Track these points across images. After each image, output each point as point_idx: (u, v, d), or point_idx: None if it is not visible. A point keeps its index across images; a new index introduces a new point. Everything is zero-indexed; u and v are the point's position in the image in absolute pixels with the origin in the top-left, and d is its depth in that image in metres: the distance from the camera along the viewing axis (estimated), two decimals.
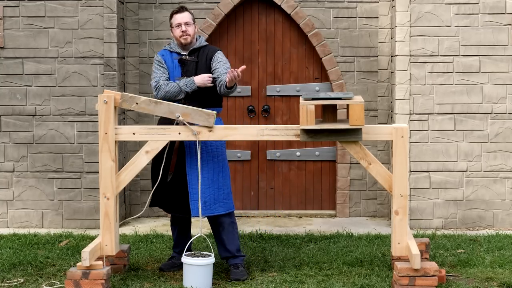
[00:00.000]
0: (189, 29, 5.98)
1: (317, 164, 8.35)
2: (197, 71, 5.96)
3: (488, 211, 7.65)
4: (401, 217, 5.59)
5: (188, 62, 6.00)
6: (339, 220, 8.09)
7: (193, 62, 6.00)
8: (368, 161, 5.62)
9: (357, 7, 8.08)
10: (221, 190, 5.93)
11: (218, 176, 5.92)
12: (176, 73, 6.00)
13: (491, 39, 7.57)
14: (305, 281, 5.76)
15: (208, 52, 6.05)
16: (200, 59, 6.01)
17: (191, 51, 6.04)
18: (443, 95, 7.61)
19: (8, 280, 5.80)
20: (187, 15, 6.02)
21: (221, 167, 5.95)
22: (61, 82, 7.67)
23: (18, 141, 7.70)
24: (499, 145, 7.63)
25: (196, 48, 6.06)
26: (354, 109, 5.42)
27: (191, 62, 6.00)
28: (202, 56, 6.02)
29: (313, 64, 8.26)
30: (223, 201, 5.92)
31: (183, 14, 6.01)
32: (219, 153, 5.95)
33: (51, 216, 7.73)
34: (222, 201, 5.92)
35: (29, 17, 7.64)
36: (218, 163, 5.93)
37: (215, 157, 5.92)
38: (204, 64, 6.00)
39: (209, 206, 5.87)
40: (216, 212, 5.89)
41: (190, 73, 5.96)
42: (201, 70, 5.97)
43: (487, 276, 5.83)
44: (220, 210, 5.91)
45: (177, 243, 6.18)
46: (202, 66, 5.99)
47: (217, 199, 5.89)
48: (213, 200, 5.87)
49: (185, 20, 5.99)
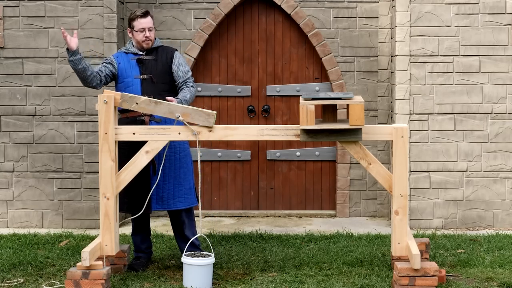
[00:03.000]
0: (151, 34, 6.11)
1: (317, 164, 8.35)
2: (158, 69, 6.08)
3: (488, 211, 7.65)
4: (401, 217, 5.59)
5: (147, 61, 6.10)
6: (339, 220, 8.09)
7: (152, 60, 6.10)
8: (368, 161, 5.62)
9: (357, 7, 8.08)
10: (181, 186, 6.05)
11: (178, 172, 6.05)
12: (135, 72, 6.09)
13: (491, 39, 7.57)
14: (305, 281, 5.76)
15: (167, 50, 6.17)
16: (160, 58, 6.12)
17: (148, 51, 6.14)
18: (443, 95, 7.61)
19: (8, 280, 5.80)
20: (150, 20, 6.12)
21: (182, 162, 6.07)
22: (61, 82, 7.67)
23: (18, 141, 7.70)
24: (499, 145, 7.63)
25: (153, 48, 6.17)
26: (354, 109, 5.42)
27: (149, 61, 6.10)
28: (162, 55, 6.14)
29: (313, 64, 8.26)
30: (182, 196, 6.05)
31: (148, 19, 6.10)
32: (182, 148, 6.08)
33: (51, 216, 7.73)
34: (181, 197, 6.04)
35: (29, 17, 7.64)
36: (180, 159, 6.06)
37: (177, 153, 6.05)
38: (165, 63, 6.12)
39: (167, 202, 6.02)
40: (173, 207, 6.03)
41: (150, 71, 6.06)
42: (161, 68, 6.09)
43: (487, 276, 5.83)
44: (179, 205, 6.04)
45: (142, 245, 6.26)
46: (163, 64, 6.11)
47: (175, 195, 6.02)
48: (171, 196, 6.01)
49: (149, 25, 6.09)
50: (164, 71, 6.10)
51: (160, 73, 6.09)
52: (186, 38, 8.10)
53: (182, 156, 6.08)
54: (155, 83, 6.05)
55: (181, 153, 6.08)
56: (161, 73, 6.09)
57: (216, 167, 8.35)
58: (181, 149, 6.09)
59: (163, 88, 6.06)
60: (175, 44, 8.06)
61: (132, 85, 6.07)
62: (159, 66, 6.11)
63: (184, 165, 6.09)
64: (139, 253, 6.26)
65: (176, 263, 6.26)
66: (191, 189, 6.13)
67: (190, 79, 6.14)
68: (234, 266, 6.19)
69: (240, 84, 8.26)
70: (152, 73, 6.06)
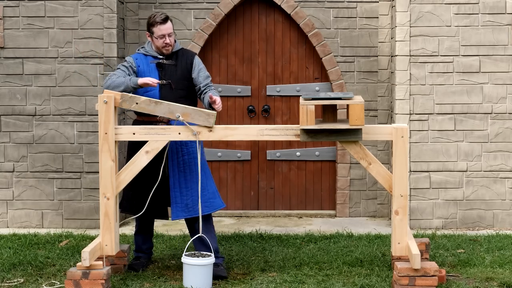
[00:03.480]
0: (171, 40, 5.99)
1: (317, 164, 8.35)
2: (177, 74, 5.98)
3: (488, 211, 7.65)
4: (401, 217, 5.59)
5: (166, 66, 5.99)
6: (339, 220, 8.09)
7: (171, 65, 6.00)
8: (368, 161, 5.62)
9: (357, 7, 8.08)
10: (205, 191, 5.95)
11: (201, 178, 5.90)
12: (154, 77, 5.97)
13: (491, 39, 7.57)
14: (305, 281, 5.76)
15: (187, 55, 6.08)
16: (179, 63, 6.01)
17: (168, 55, 6.03)
18: (443, 95, 7.61)
19: (8, 280, 5.80)
20: (170, 26, 6.00)
21: (202, 169, 5.94)
22: (61, 82, 7.67)
23: (18, 141, 7.70)
24: (499, 145, 7.63)
25: (173, 52, 6.06)
26: (354, 109, 5.42)
27: (169, 66, 6.00)
28: (182, 59, 6.03)
29: (313, 64, 8.26)
30: (207, 201, 5.96)
31: (167, 25, 5.97)
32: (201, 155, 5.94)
33: (51, 216, 7.73)
34: (207, 201, 5.95)
35: (29, 17, 7.64)
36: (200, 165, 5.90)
37: (197, 159, 5.92)
38: (184, 68, 6.01)
39: (192, 208, 5.90)
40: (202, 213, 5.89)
41: (169, 76, 5.95)
42: (181, 73, 5.99)
43: (487, 276, 5.83)
44: (205, 211, 5.92)
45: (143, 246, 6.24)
46: (183, 70, 6.01)
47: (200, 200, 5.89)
48: (196, 202, 5.90)
49: (169, 31, 5.96)
50: (183, 77, 5.99)
51: (179, 79, 5.98)
52: (186, 38, 8.10)
53: (202, 162, 5.94)
54: (173, 89, 5.94)
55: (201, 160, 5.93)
56: (180, 78, 5.98)
57: (216, 167, 8.34)
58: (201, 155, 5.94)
59: (180, 94, 5.95)
60: None
61: (151, 89, 5.95)
62: (178, 71, 5.99)
63: (205, 170, 5.99)
64: (140, 253, 6.25)
65: (176, 263, 6.26)
66: (215, 192, 6.03)
67: (211, 83, 6.06)
68: (234, 266, 6.19)
69: (240, 84, 8.27)
70: (171, 78, 5.95)
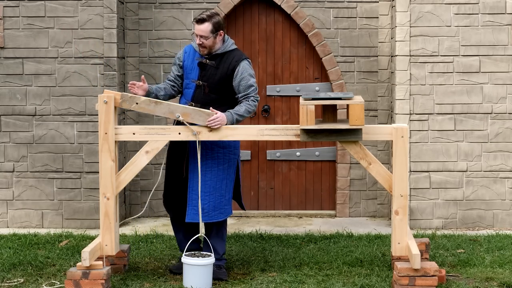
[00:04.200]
0: (205, 42, 5.77)
1: (317, 164, 8.35)
2: (215, 77, 5.80)
3: (488, 211, 7.65)
4: (401, 217, 5.59)
5: (208, 66, 5.83)
6: (339, 220, 8.09)
7: (213, 67, 5.82)
8: (368, 161, 5.62)
9: (357, 7, 8.08)
10: (222, 197, 5.87)
11: (221, 183, 5.85)
12: (193, 75, 5.86)
13: (491, 39, 7.57)
14: (305, 281, 5.76)
15: (232, 60, 5.82)
16: (221, 67, 5.81)
17: (213, 56, 5.84)
18: (443, 95, 7.61)
19: (8, 280, 5.80)
20: (204, 28, 5.75)
21: (226, 174, 5.86)
22: (61, 82, 7.67)
23: (18, 141, 7.70)
24: (499, 145, 7.63)
25: (219, 54, 5.85)
26: (354, 109, 5.42)
27: (210, 67, 5.82)
28: (225, 64, 5.82)
29: (313, 64, 8.26)
30: (223, 207, 5.88)
31: (200, 26, 5.77)
32: (226, 160, 5.85)
33: (51, 216, 7.73)
34: (222, 208, 5.88)
35: (29, 17, 7.64)
36: (223, 170, 5.85)
37: (221, 164, 5.84)
38: (224, 74, 5.80)
39: (208, 213, 5.82)
40: (215, 219, 5.85)
41: (207, 78, 5.81)
42: (220, 77, 5.81)
43: (487, 276, 5.83)
44: (219, 217, 5.87)
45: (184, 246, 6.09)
46: (222, 75, 5.81)
47: (217, 206, 5.84)
48: (213, 208, 5.83)
49: (200, 33, 5.76)
50: (221, 82, 5.79)
51: (217, 83, 5.79)
52: (186, 38, 8.09)
53: (226, 167, 5.85)
54: (206, 93, 5.80)
55: (225, 164, 5.85)
56: (217, 83, 5.79)
57: None
58: (226, 160, 5.85)
59: (213, 99, 5.79)
60: (175, 44, 8.07)
61: (189, 87, 5.88)
62: (218, 75, 5.79)
63: (228, 176, 5.87)
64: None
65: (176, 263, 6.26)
66: (230, 199, 5.94)
67: (252, 93, 5.79)
68: (234, 266, 6.19)
69: None
70: (209, 80, 5.77)
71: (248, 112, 5.77)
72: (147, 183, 8.09)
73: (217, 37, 5.82)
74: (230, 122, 5.68)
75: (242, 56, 5.89)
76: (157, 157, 7.80)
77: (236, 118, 5.72)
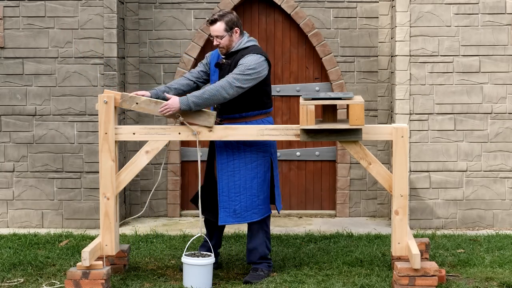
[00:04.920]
0: (221, 41, 5.73)
1: (317, 164, 8.35)
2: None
3: (488, 211, 7.65)
4: (401, 217, 5.59)
5: (224, 66, 5.80)
6: (339, 220, 8.09)
7: (228, 66, 5.77)
8: (368, 161, 5.62)
9: (357, 7, 8.08)
10: (255, 197, 5.79)
11: (251, 183, 5.78)
12: (215, 78, 5.83)
13: (491, 39, 7.57)
14: (305, 281, 5.76)
15: (242, 54, 5.72)
16: (233, 63, 5.74)
17: (228, 55, 5.80)
18: (443, 95, 7.61)
19: (8, 280, 5.80)
20: (217, 28, 5.72)
21: (255, 173, 5.78)
22: (61, 82, 7.67)
23: (18, 141, 7.70)
24: (499, 145, 7.63)
25: (234, 52, 5.80)
26: (354, 109, 5.42)
27: (226, 66, 5.78)
28: (236, 60, 5.74)
29: (313, 64, 8.26)
30: (257, 207, 5.80)
31: (213, 26, 5.73)
32: (254, 158, 5.79)
33: (51, 216, 7.73)
34: (256, 208, 5.80)
35: (29, 17, 7.64)
36: (252, 169, 5.78)
37: (248, 163, 5.78)
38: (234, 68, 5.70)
39: (240, 214, 5.77)
40: (249, 220, 5.79)
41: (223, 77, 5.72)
42: None
43: (487, 276, 5.83)
44: (254, 217, 5.80)
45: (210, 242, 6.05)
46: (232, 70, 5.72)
47: (249, 207, 5.78)
48: (244, 208, 5.77)
49: (215, 33, 5.73)
50: None
51: None
52: (186, 38, 8.10)
53: (254, 166, 5.78)
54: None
55: (252, 163, 5.77)
56: None
57: None
58: (253, 159, 5.78)
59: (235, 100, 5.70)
60: (175, 44, 8.07)
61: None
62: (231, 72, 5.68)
63: (258, 175, 5.78)
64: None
65: (176, 263, 6.27)
66: (266, 198, 5.85)
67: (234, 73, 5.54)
68: (234, 266, 6.19)
69: None
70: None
71: (212, 94, 5.49)
72: (147, 183, 8.10)
73: (233, 35, 5.77)
74: (185, 106, 5.47)
75: (253, 51, 5.73)
76: (157, 157, 7.81)
77: (193, 101, 5.47)
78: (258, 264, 5.87)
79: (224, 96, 5.53)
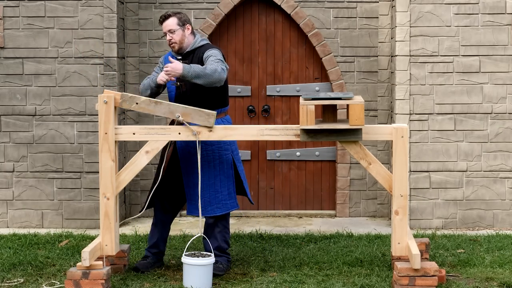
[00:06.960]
0: (174, 36, 5.83)
1: (317, 164, 8.35)
2: None
3: (488, 211, 7.65)
4: (401, 217, 5.59)
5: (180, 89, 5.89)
6: (339, 220, 8.09)
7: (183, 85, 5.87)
8: (368, 161, 5.62)
9: (357, 7, 8.08)
10: (218, 193, 5.94)
11: (215, 180, 5.93)
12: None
13: (491, 39, 7.57)
14: (305, 281, 5.76)
15: (202, 51, 5.85)
16: (194, 62, 5.83)
17: (184, 55, 5.90)
18: (443, 95, 7.61)
19: (8, 280, 5.80)
20: (170, 22, 5.83)
21: (218, 170, 5.93)
22: (61, 82, 7.67)
23: (18, 141, 7.70)
24: (499, 145, 7.63)
25: (190, 51, 5.91)
26: (354, 109, 5.42)
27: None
28: (196, 58, 5.85)
29: (313, 64, 8.26)
30: (220, 202, 5.94)
31: (167, 21, 5.84)
32: (216, 156, 5.93)
33: (51, 216, 7.73)
34: (219, 203, 5.94)
35: (29, 17, 7.64)
36: (215, 167, 5.92)
37: (211, 161, 5.92)
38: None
39: (204, 208, 5.91)
40: (212, 214, 5.94)
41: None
42: None
43: (487, 276, 5.83)
44: (216, 212, 5.95)
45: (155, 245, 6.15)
46: None
47: (212, 202, 5.92)
48: (208, 203, 5.92)
49: (168, 28, 5.83)
50: None
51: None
52: None
53: (217, 164, 5.91)
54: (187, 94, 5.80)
55: (215, 161, 5.91)
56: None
57: None
58: (216, 157, 5.90)
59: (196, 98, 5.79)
60: None
61: (171, 91, 5.93)
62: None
63: (221, 172, 5.92)
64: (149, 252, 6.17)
65: (176, 263, 6.27)
66: (231, 194, 5.98)
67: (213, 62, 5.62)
68: (234, 266, 6.19)
69: (240, 84, 8.27)
70: (185, 79, 5.67)
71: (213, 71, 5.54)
72: (147, 183, 8.09)
73: (185, 31, 5.89)
74: (187, 72, 5.52)
75: (211, 47, 5.86)
76: (157, 157, 7.80)
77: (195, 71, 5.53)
78: (218, 256, 5.97)
79: (220, 78, 5.62)
